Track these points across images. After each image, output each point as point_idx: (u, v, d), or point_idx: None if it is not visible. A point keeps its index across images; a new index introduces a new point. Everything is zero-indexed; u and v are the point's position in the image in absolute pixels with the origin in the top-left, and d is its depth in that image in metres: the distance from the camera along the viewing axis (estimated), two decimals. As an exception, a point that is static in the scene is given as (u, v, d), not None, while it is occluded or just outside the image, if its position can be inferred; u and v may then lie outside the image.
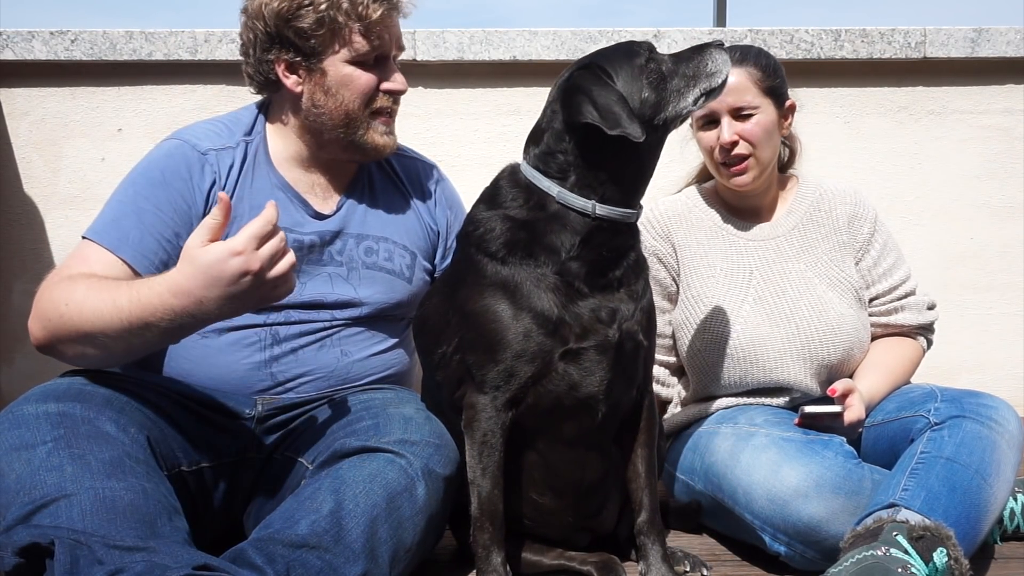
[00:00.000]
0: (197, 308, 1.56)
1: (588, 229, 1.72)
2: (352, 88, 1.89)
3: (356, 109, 1.90)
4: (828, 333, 2.10)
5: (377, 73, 1.91)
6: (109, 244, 1.79)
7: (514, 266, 1.72)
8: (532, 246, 1.72)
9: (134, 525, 1.47)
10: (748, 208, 2.25)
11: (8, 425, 1.62)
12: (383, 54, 1.92)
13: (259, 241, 1.52)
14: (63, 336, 1.69)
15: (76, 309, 1.65)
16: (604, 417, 1.77)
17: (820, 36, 2.96)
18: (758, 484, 1.85)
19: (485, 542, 1.71)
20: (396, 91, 1.94)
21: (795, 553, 1.82)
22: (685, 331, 2.20)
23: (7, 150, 2.96)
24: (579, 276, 1.72)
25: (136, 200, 1.85)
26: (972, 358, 3.08)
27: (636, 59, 1.73)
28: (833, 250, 2.20)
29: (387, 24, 1.89)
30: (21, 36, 2.88)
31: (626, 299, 1.76)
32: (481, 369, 1.71)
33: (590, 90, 1.69)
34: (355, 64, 1.89)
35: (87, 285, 1.68)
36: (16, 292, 2.97)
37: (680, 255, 2.23)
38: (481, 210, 1.81)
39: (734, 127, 2.10)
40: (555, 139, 1.75)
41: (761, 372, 2.12)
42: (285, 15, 1.85)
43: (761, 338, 2.11)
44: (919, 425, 1.93)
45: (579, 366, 1.72)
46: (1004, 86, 3.06)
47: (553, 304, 1.70)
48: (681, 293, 2.23)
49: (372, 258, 1.99)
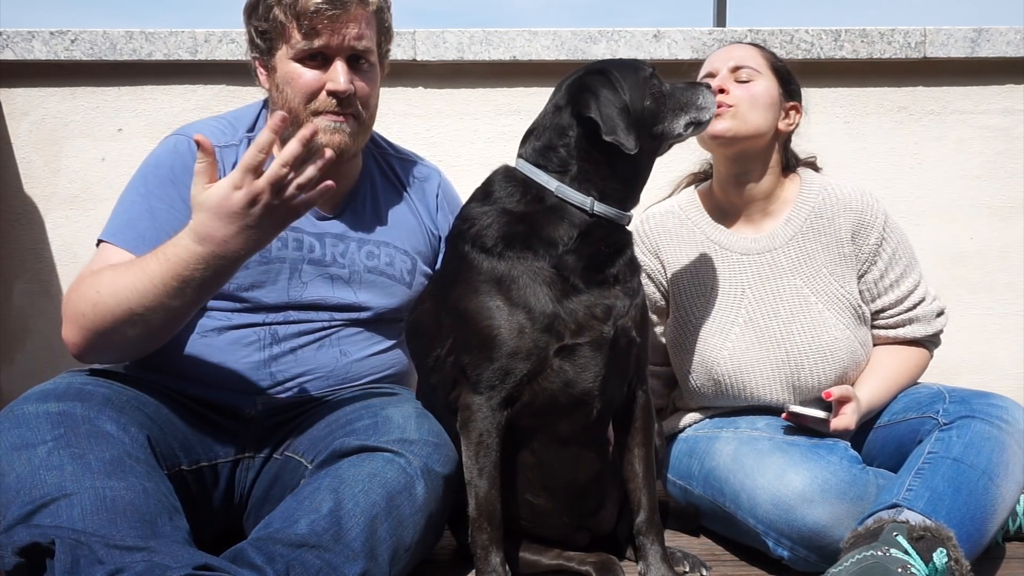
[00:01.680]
0: (224, 248, 1.59)
1: (586, 224, 1.74)
2: (293, 86, 1.87)
3: (297, 107, 1.87)
4: (820, 359, 2.07)
5: (323, 73, 1.87)
6: (126, 244, 1.81)
7: (511, 260, 1.73)
8: (530, 239, 1.73)
9: (135, 524, 1.47)
10: (743, 205, 2.16)
11: (8, 424, 1.62)
12: (325, 53, 1.86)
13: (255, 170, 1.54)
14: (100, 327, 1.69)
15: (108, 292, 1.67)
16: (598, 414, 1.77)
17: (820, 36, 2.96)
18: (762, 489, 1.84)
19: (483, 542, 1.71)
20: (336, 92, 1.85)
21: (799, 558, 1.81)
22: (675, 350, 2.19)
23: (7, 150, 2.96)
24: (575, 271, 1.73)
25: (148, 199, 1.86)
26: (972, 358, 3.08)
27: (641, 72, 1.81)
28: (833, 263, 2.11)
29: (329, 20, 1.82)
30: (21, 36, 2.88)
31: (622, 295, 1.77)
32: (476, 369, 1.71)
33: (599, 92, 1.74)
34: (298, 61, 1.86)
35: (112, 270, 1.71)
36: (16, 292, 2.97)
37: (669, 272, 2.20)
38: (474, 207, 1.82)
39: (729, 81, 2.10)
40: (558, 134, 1.77)
41: (748, 396, 2.11)
42: (248, 13, 1.90)
43: (749, 363, 2.08)
44: (927, 426, 1.91)
45: (574, 362, 1.72)
46: (1004, 86, 3.06)
47: (548, 299, 1.70)
48: (671, 311, 2.21)
49: (373, 262, 1.99)
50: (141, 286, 1.63)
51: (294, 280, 1.91)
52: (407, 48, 2.88)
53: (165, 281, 1.62)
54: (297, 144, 1.55)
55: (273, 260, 1.89)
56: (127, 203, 1.88)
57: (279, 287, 1.90)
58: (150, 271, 1.63)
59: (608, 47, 2.91)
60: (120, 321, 1.68)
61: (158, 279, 1.62)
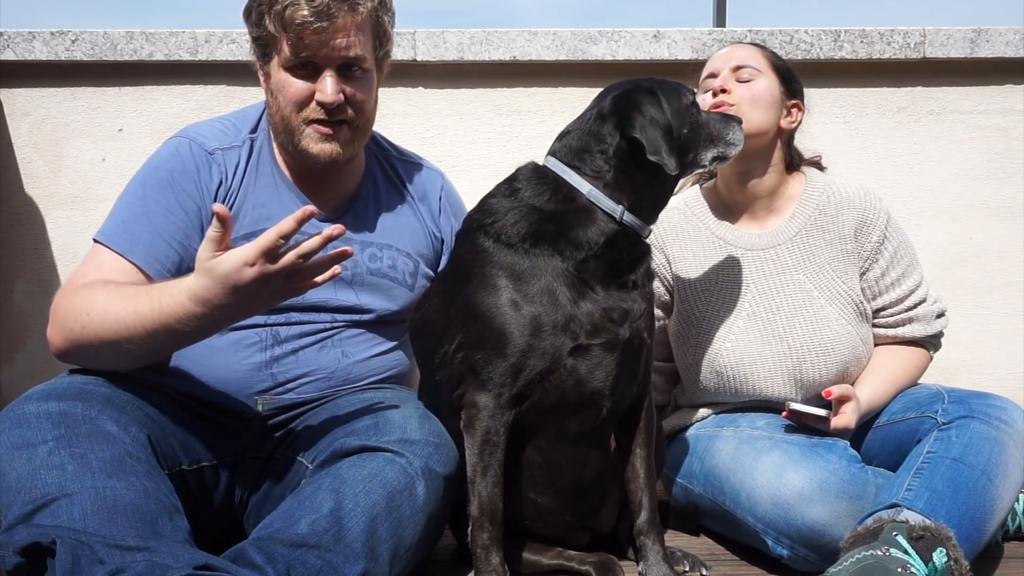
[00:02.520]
0: (221, 312, 1.60)
1: (613, 232, 1.75)
2: (285, 94, 1.86)
3: (289, 115, 1.87)
4: (822, 353, 2.08)
5: (313, 82, 1.85)
6: (120, 248, 1.80)
7: (536, 257, 1.73)
8: (558, 239, 1.74)
9: (135, 524, 1.47)
10: (748, 203, 2.19)
11: (9, 424, 1.62)
12: (315, 63, 1.84)
13: (270, 252, 1.53)
14: (86, 344, 1.71)
15: (98, 318, 1.67)
16: (608, 413, 1.78)
17: (820, 36, 2.97)
18: (761, 488, 1.85)
19: (484, 542, 1.71)
20: (323, 103, 1.84)
21: (798, 557, 1.82)
22: (678, 344, 2.20)
23: (8, 150, 2.96)
24: (596, 275, 1.74)
25: (145, 202, 1.85)
26: (972, 358, 3.08)
27: (684, 99, 1.84)
28: (837, 259, 2.13)
29: (316, 33, 1.80)
30: (22, 36, 2.88)
31: (639, 300, 1.79)
32: (487, 366, 1.71)
33: (646, 110, 1.77)
34: (288, 70, 1.86)
35: (106, 293, 1.70)
36: (16, 292, 2.97)
37: (674, 267, 2.22)
38: (498, 201, 1.81)
39: (731, 81, 2.11)
40: (596, 140, 1.79)
41: (750, 390, 2.12)
42: (245, 17, 1.90)
43: (751, 356, 2.10)
44: (927, 426, 1.92)
45: (586, 362, 1.72)
46: (1003, 86, 3.06)
47: (568, 300, 1.71)
48: (676, 306, 2.22)
49: (376, 264, 1.99)
50: (131, 324, 1.64)
51: None
52: (407, 48, 2.88)
53: (155, 327, 1.63)
54: (319, 241, 1.55)
55: None
56: (125, 205, 1.87)
57: None
58: (141, 313, 1.63)
59: (608, 47, 2.91)
60: (106, 345, 1.69)
61: (148, 323, 1.63)
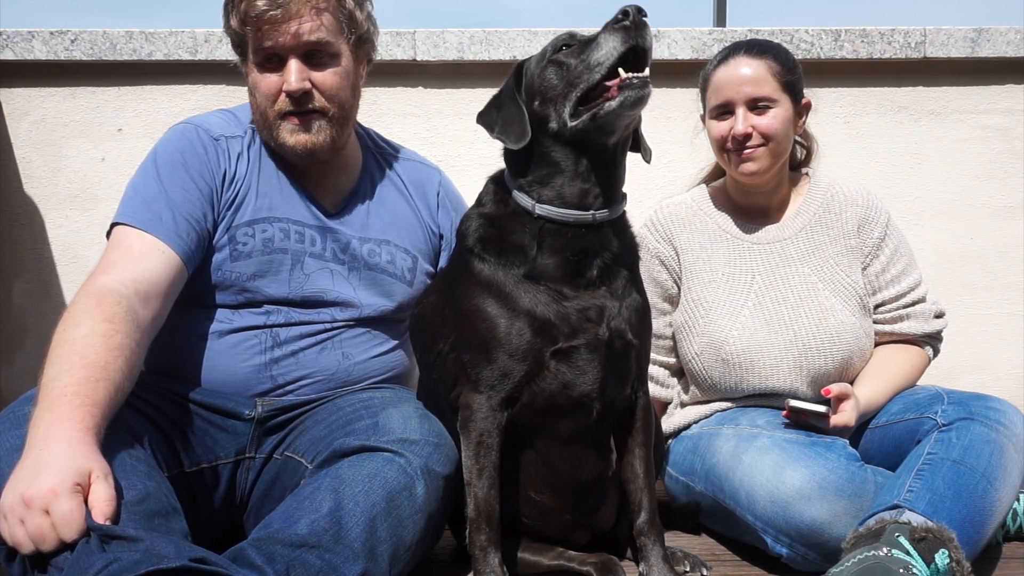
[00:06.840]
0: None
1: (538, 228, 1.72)
2: (259, 90, 1.88)
3: (265, 110, 1.89)
4: (827, 341, 2.10)
5: (281, 75, 1.86)
6: (145, 226, 1.79)
7: (491, 264, 1.74)
8: (501, 243, 1.74)
9: (134, 521, 1.46)
10: (756, 207, 2.24)
11: (9, 425, 1.62)
12: (279, 55, 1.85)
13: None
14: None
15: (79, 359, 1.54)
16: (599, 415, 1.77)
17: (820, 36, 2.97)
18: (760, 486, 1.85)
19: (482, 543, 1.71)
20: (288, 91, 1.84)
21: (797, 555, 1.82)
22: (684, 334, 2.20)
23: (7, 150, 2.96)
24: (556, 277, 1.72)
25: (161, 182, 1.85)
26: (972, 358, 3.08)
27: (545, 53, 1.72)
28: (840, 254, 2.18)
29: (270, 22, 1.81)
30: (21, 36, 2.88)
31: (609, 296, 1.75)
32: (476, 368, 1.71)
33: (499, 91, 1.74)
34: (259, 67, 1.87)
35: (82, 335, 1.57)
36: (16, 292, 2.97)
37: (682, 258, 2.23)
38: (470, 208, 1.86)
39: (749, 119, 2.09)
40: None
41: (756, 379, 2.12)
42: (223, 24, 1.91)
43: (757, 344, 2.10)
44: (926, 427, 1.92)
45: (571, 365, 1.72)
46: (1004, 86, 3.06)
47: (536, 303, 1.70)
48: (682, 296, 2.23)
49: (375, 260, 1.99)
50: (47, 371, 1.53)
51: (296, 272, 1.91)
52: (407, 48, 2.88)
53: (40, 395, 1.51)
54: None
55: (275, 250, 1.89)
56: (140, 187, 1.86)
57: (281, 278, 1.90)
58: (46, 383, 1.51)
59: (608, 47, 2.90)
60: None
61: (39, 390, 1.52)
